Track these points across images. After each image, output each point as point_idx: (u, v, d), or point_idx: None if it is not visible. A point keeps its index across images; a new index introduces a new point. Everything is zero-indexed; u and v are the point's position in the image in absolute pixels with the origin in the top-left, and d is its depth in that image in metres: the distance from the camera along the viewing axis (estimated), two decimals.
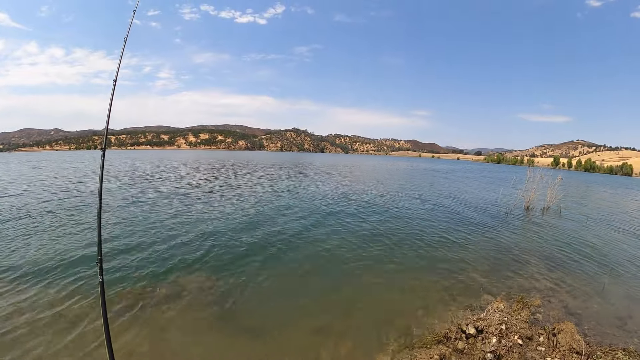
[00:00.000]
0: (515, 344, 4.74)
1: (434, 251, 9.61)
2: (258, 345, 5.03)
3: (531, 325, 5.48)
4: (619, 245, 11.56)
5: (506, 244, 10.72)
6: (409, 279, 7.59)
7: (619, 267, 9.11)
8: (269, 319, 5.77)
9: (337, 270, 7.96)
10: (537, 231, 12.95)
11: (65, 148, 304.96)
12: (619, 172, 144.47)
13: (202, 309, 5.92)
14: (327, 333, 5.40)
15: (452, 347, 4.88)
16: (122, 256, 8.05)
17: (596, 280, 8.02)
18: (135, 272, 7.20)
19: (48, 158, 67.00)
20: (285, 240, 9.99)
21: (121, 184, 21.13)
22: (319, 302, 6.44)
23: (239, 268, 7.75)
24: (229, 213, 13.26)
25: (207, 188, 20.90)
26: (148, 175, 28.47)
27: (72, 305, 5.76)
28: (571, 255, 9.90)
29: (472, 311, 6.14)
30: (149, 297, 6.20)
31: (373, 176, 37.63)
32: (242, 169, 41.39)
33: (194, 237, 9.80)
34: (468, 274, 8.03)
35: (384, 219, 13.45)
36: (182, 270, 7.47)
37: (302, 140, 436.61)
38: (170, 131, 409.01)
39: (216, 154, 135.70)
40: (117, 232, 9.92)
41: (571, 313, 6.26)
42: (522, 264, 8.87)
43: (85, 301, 5.92)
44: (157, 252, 8.46)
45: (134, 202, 14.94)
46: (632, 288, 7.71)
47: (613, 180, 72.91)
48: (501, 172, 69.51)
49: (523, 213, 16.85)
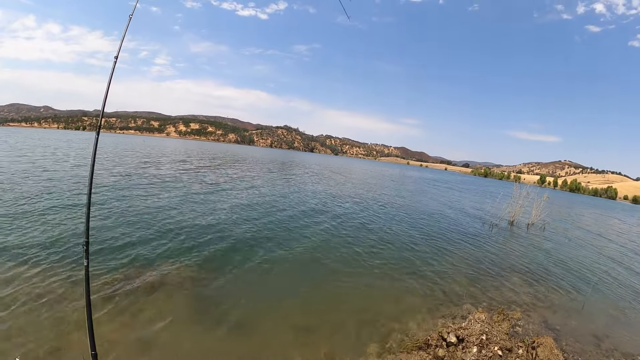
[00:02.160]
0: (495, 354, 4.76)
1: (419, 259, 9.62)
2: (239, 339, 4.97)
3: (511, 337, 5.51)
4: (599, 265, 11.76)
5: (490, 256, 10.80)
6: (393, 285, 7.59)
7: (599, 287, 9.27)
8: (251, 314, 5.69)
9: (322, 271, 7.91)
10: (520, 246, 13.09)
11: (54, 127, 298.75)
12: (603, 195, 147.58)
13: (185, 300, 5.83)
14: (309, 332, 5.36)
15: (432, 354, 4.88)
16: (108, 243, 7.86)
17: (576, 298, 8.14)
18: (121, 259, 7.05)
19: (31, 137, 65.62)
20: (273, 238, 9.90)
21: (110, 173, 20.78)
22: (302, 301, 6.39)
23: (224, 262, 7.65)
24: (218, 207, 13.13)
25: (196, 181, 20.66)
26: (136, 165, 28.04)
27: (56, 289, 5.62)
28: (553, 272, 10.03)
29: (454, 320, 6.15)
30: (132, 285, 6.07)
31: (364, 181, 37.67)
32: (233, 165, 41.05)
33: (181, 228, 9.65)
34: (451, 283, 8.06)
35: (371, 224, 13.46)
36: (167, 260, 7.33)
37: (292, 138, 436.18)
38: (161, 118, 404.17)
39: (205, 145, 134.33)
40: (104, 219, 9.71)
41: (550, 328, 6.32)
42: (505, 277, 8.95)
43: (69, 284, 5.78)
44: (144, 241, 8.29)
45: (123, 191, 14.72)
46: (611, 308, 7.85)
47: (597, 202, 74.43)
48: (488, 186, 70.36)
49: (508, 227, 17.03)
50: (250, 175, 26.84)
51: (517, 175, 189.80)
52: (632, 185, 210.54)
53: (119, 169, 21.42)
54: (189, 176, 21.72)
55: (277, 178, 27.56)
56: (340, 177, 37.22)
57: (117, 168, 21.67)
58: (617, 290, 9.23)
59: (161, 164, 28.30)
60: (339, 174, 42.35)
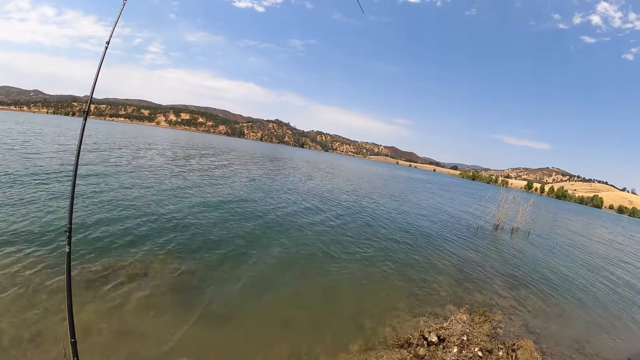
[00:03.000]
0: (476, 355, 4.76)
1: (403, 258, 9.64)
2: (221, 332, 4.92)
3: (492, 339, 5.53)
4: (582, 272, 11.95)
5: (473, 259, 10.87)
6: (377, 283, 7.59)
7: (580, 293, 9.40)
8: (234, 307, 5.63)
9: (308, 267, 7.87)
10: (504, 250, 13.22)
11: (43, 111, 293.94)
12: (589, 203, 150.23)
13: (167, 291, 5.73)
14: (291, 326, 5.32)
15: (413, 353, 4.87)
16: (91, 230, 7.70)
17: (557, 303, 8.23)
18: (103, 247, 6.91)
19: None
20: (260, 231, 9.82)
21: (97, 160, 20.48)
22: (286, 296, 6.34)
23: (209, 254, 7.56)
24: (205, 199, 13.00)
25: (185, 173, 20.45)
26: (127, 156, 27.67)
27: (36, 275, 5.49)
28: (535, 276, 10.13)
29: (436, 320, 6.17)
30: (114, 274, 5.96)
31: (353, 180, 37.69)
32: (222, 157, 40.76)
33: (166, 219, 9.51)
34: (434, 283, 8.08)
35: (359, 222, 13.46)
36: (150, 250, 7.22)
37: (283, 132, 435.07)
38: (152, 107, 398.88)
39: (194, 136, 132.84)
40: (88, 207, 9.52)
41: (531, 331, 6.38)
42: (488, 280, 9.01)
43: (50, 271, 5.66)
44: (128, 229, 8.15)
45: (109, 179, 14.50)
46: (591, 315, 7.95)
47: (583, 210, 75.74)
48: (475, 188, 71.05)
49: (492, 231, 17.18)
50: (239, 169, 26.62)
51: (504, 180, 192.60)
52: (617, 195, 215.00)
53: (105, 156, 21.09)
54: (177, 167, 21.48)
55: (265, 174, 27.39)
56: (329, 175, 37.17)
57: (103, 155, 21.34)
58: (598, 297, 9.37)
59: (150, 153, 27.94)
60: (327, 172, 42.29)
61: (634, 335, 7.39)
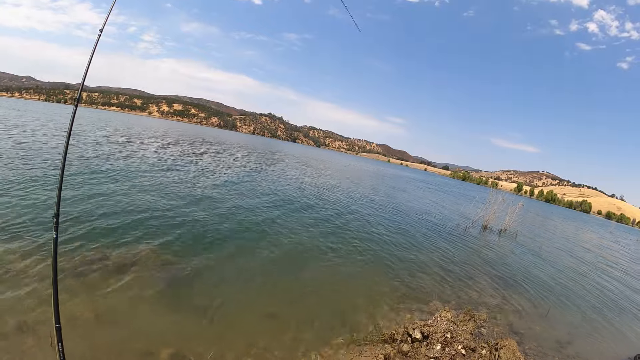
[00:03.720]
0: (459, 353, 4.77)
1: (390, 254, 9.64)
2: (205, 324, 4.88)
3: (475, 338, 5.56)
4: (566, 275, 12.08)
5: (460, 258, 10.91)
6: (364, 279, 7.59)
7: (565, 295, 9.50)
8: (220, 300, 5.58)
9: (294, 261, 7.83)
10: (491, 250, 13.31)
11: (35, 98, 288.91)
12: (577, 208, 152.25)
13: (153, 282, 5.65)
14: (276, 320, 5.30)
15: (397, 349, 4.86)
16: (78, 219, 7.57)
17: (541, 304, 8.30)
18: (92, 238, 6.78)
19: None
20: (248, 226, 9.73)
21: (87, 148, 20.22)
22: (271, 290, 6.31)
23: (197, 247, 7.48)
24: (193, 192, 12.87)
25: (176, 164, 20.27)
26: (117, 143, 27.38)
27: (22, 261, 5.41)
28: (520, 277, 10.21)
29: (420, 316, 6.18)
30: (100, 264, 5.87)
31: (345, 176, 37.69)
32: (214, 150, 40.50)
33: (157, 211, 9.38)
34: (420, 281, 8.10)
35: (347, 219, 13.42)
36: (137, 241, 7.11)
37: (276, 126, 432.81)
38: (144, 96, 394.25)
39: (187, 127, 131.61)
40: (76, 195, 9.36)
41: (514, 332, 6.42)
42: (474, 279, 9.06)
43: (37, 257, 5.57)
44: (115, 219, 8.01)
45: (99, 167, 14.31)
46: (574, 317, 8.05)
47: (571, 215, 76.75)
48: (465, 189, 71.57)
49: (480, 232, 17.29)
50: (230, 162, 26.47)
51: (494, 182, 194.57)
52: (606, 201, 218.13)
53: (95, 145, 20.83)
54: (167, 160, 21.29)
55: (256, 168, 27.28)
56: (320, 172, 37.13)
57: (94, 145, 21.07)
58: (583, 300, 9.48)
59: (141, 147, 27.66)
60: (319, 168, 42.25)
61: (616, 337, 7.48)
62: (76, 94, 2.92)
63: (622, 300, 10.55)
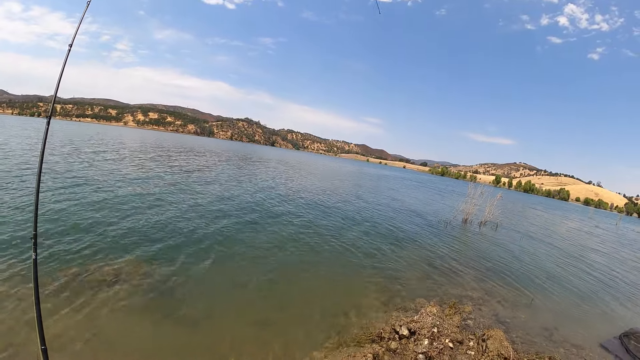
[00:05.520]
0: (446, 346, 4.76)
1: (372, 254, 9.63)
2: (193, 335, 4.78)
3: (462, 330, 5.57)
4: (549, 262, 12.32)
5: (442, 252, 10.99)
6: (348, 279, 7.56)
7: (548, 282, 9.66)
8: (206, 308, 5.48)
9: (278, 266, 7.72)
10: (473, 243, 13.48)
11: (8, 112, 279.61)
12: (556, 196, 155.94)
13: (137, 295, 5.50)
14: (264, 326, 5.21)
15: (385, 347, 4.82)
16: (57, 235, 7.31)
17: (525, 293, 8.41)
18: (70, 253, 6.57)
19: None
20: (230, 233, 9.56)
21: (61, 161, 19.62)
22: (258, 296, 6.21)
23: (179, 255, 7.31)
24: (172, 200, 12.64)
25: (152, 172, 19.86)
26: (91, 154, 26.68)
27: (3, 283, 5.19)
28: (503, 268, 10.34)
29: (406, 313, 6.16)
30: (82, 279, 5.68)
31: (324, 177, 37.69)
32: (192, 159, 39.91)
33: (133, 221, 9.16)
34: (404, 278, 8.11)
35: (329, 220, 13.38)
36: (119, 253, 6.91)
37: (253, 131, 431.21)
38: (119, 106, 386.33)
39: (163, 136, 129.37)
40: (53, 211, 9.02)
41: (501, 321, 6.47)
42: (457, 273, 9.12)
43: (17, 279, 5.35)
44: (94, 234, 7.76)
45: (73, 181, 13.87)
46: (559, 303, 8.19)
47: (550, 203, 78.57)
48: (444, 184, 72.52)
49: (461, 225, 17.48)
50: (209, 170, 26.11)
51: (473, 175, 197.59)
52: (583, 187, 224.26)
53: (71, 158, 20.23)
54: (146, 169, 20.84)
55: (237, 174, 26.98)
56: (301, 174, 37.02)
57: (69, 157, 20.46)
58: (565, 287, 9.64)
59: (119, 156, 27.02)
60: (298, 170, 42.12)
61: (603, 319, 7.67)
62: (49, 106, 2.81)
63: (606, 283, 10.84)
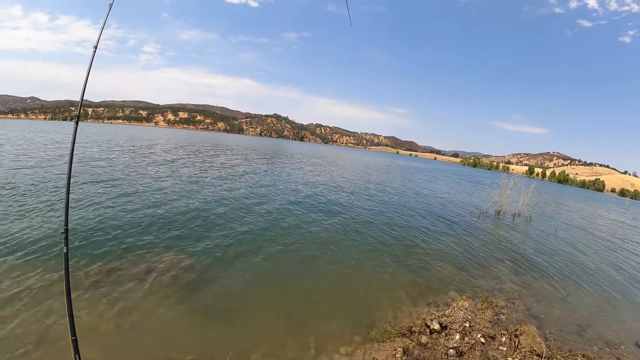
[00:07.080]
0: (478, 342, 4.72)
1: (404, 247, 9.59)
2: (226, 327, 4.92)
3: (494, 325, 5.50)
4: (584, 256, 11.87)
5: (475, 245, 10.82)
6: (377, 273, 7.54)
7: (583, 277, 9.32)
8: (239, 301, 5.64)
9: (310, 260, 7.82)
10: (506, 235, 13.16)
11: (41, 118, 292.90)
12: (590, 187, 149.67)
13: (171, 289, 5.70)
14: (295, 320, 5.30)
15: (415, 341, 4.83)
16: (89, 230, 7.68)
17: (560, 287, 8.17)
18: (103, 247, 6.89)
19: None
20: (263, 228, 9.73)
21: (94, 160, 20.44)
22: (290, 289, 6.33)
23: (212, 250, 7.53)
24: (204, 195, 12.96)
25: (186, 171, 20.36)
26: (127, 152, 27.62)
27: (35, 277, 5.48)
28: (537, 261, 10.07)
29: (437, 307, 6.13)
30: (115, 274, 5.94)
31: (356, 170, 37.56)
32: (224, 155, 40.56)
33: (167, 216, 9.50)
34: (436, 271, 8.05)
35: (357, 213, 13.37)
36: (152, 248, 7.19)
37: (282, 127, 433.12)
38: (149, 107, 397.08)
39: (196, 134, 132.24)
40: (85, 206, 9.49)
41: (534, 316, 6.33)
42: (490, 266, 8.96)
43: (49, 274, 5.63)
44: (127, 228, 8.12)
45: (105, 177, 14.45)
46: (594, 298, 7.89)
47: (585, 194, 75.51)
48: (476, 175, 70.85)
49: (494, 217, 17.12)
50: (242, 165, 26.52)
51: (505, 166, 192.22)
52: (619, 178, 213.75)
53: (106, 156, 21.03)
54: (178, 166, 21.40)
55: (268, 169, 27.29)
56: (332, 167, 37.05)
57: (104, 156, 21.28)
58: (601, 281, 9.28)
59: (152, 153, 27.86)
60: (327, 164, 42.16)
61: (638, 319, 7.33)
62: (78, 108, 2.97)
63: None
